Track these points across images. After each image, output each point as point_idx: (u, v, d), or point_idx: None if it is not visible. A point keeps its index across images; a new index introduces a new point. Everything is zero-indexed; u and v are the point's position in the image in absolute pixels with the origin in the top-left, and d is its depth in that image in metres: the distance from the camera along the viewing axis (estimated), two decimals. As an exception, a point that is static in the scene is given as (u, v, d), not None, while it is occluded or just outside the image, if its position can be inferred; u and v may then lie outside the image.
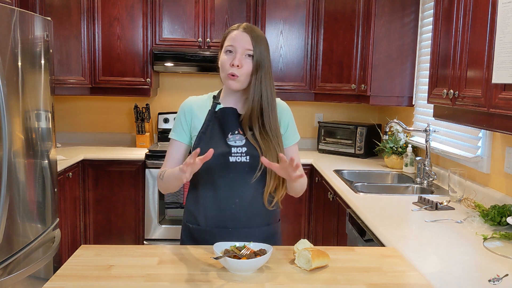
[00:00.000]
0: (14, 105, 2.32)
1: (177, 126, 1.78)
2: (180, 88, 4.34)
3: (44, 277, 2.63)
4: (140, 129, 4.10)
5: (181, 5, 3.86)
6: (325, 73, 3.90)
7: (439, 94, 2.25)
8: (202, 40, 3.89)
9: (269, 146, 1.67)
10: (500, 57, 1.69)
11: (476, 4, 1.94)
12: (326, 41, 3.87)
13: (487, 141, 2.46)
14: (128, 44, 3.87)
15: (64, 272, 1.43)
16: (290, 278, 1.41)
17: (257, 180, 1.69)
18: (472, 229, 1.96)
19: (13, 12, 2.30)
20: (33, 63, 2.54)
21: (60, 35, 3.72)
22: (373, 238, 2.02)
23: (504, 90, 1.69)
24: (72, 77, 3.80)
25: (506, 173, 2.29)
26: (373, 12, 3.43)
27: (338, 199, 2.84)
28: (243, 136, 1.70)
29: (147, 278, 1.39)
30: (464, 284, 1.44)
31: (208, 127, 1.73)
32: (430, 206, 2.29)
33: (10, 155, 2.24)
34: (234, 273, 1.43)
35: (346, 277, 1.43)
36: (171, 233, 3.76)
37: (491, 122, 1.83)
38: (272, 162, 1.60)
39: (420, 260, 1.60)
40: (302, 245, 1.55)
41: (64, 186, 3.34)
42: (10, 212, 2.24)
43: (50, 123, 2.76)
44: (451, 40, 2.15)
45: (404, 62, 3.49)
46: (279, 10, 3.91)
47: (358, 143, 3.87)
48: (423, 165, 2.93)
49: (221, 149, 1.68)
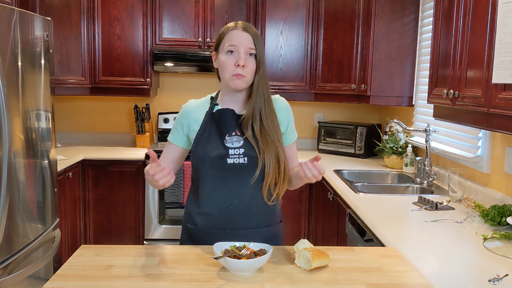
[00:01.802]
0: (14, 105, 2.32)
1: (174, 129, 1.80)
2: (180, 88, 4.34)
3: (44, 277, 2.63)
4: (140, 129, 4.10)
5: (181, 5, 3.86)
6: (325, 73, 3.90)
7: (439, 94, 2.25)
8: (202, 40, 3.89)
9: (268, 143, 1.67)
10: (500, 57, 1.69)
11: (476, 4, 1.94)
12: (326, 41, 3.87)
13: (487, 141, 2.46)
14: (128, 44, 3.87)
15: (64, 272, 1.43)
16: (290, 278, 1.41)
17: (255, 181, 1.69)
18: (472, 229, 1.96)
19: (13, 12, 2.30)
20: (33, 63, 2.54)
21: (60, 35, 3.72)
22: (373, 238, 2.02)
23: (504, 90, 1.69)
24: (72, 77, 3.80)
25: (506, 173, 2.29)
26: (373, 12, 3.43)
27: (338, 199, 2.84)
28: (241, 137, 1.69)
29: (147, 278, 1.39)
30: (464, 284, 1.44)
31: (205, 129, 1.73)
32: (430, 206, 2.29)
33: (10, 155, 2.24)
34: (234, 273, 1.43)
35: (346, 277, 1.43)
36: (171, 233, 3.76)
37: (491, 122, 1.83)
38: (271, 158, 1.63)
39: (420, 260, 1.60)
40: (302, 245, 1.55)
41: (64, 186, 3.34)
42: (10, 212, 2.24)
43: (50, 123, 2.76)
44: (451, 40, 2.15)
45: (404, 62, 3.49)
46: (279, 10, 3.91)
47: (358, 143, 3.87)
48: (423, 165, 2.93)
49: (218, 151, 1.68)
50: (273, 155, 1.67)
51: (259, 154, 1.67)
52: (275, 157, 1.67)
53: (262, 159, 1.66)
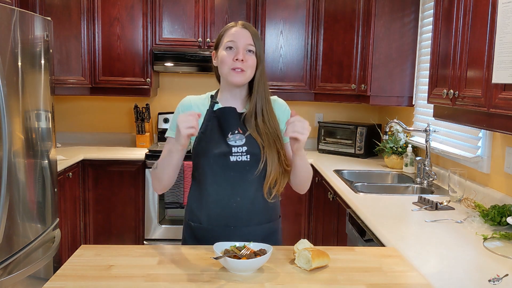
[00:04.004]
0: (14, 105, 2.32)
1: (174, 124, 1.75)
2: (180, 88, 4.34)
3: (44, 277, 2.63)
4: (140, 129, 4.10)
5: (181, 5, 3.86)
6: (325, 73, 3.90)
7: (439, 94, 2.25)
8: (202, 40, 3.89)
9: (269, 139, 1.69)
10: (500, 57, 1.69)
11: (476, 4, 1.94)
12: (326, 41, 3.87)
13: (487, 141, 2.46)
14: (128, 44, 3.87)
15: (64, 272, 1.43)
16: (290, 278, 1.41)
17: (257, 178, 1.70)
18: (472, 229, 1.96)
19: (13, 12, 2.30)
20: (33, 63, 2.54)
21: (60, 35, 3.72)
22: (373, 238, 2.02)
23: (504, 90, 1.69)
24: (72, 77, 3.80)
25: (506, 173, 2.29)
26: (373, 12, 3.43)
27: (338, 199, 2.84)
28: (243, 135, 1.70)
29: (147, 278, 1.39)
30: (464, 284, 1.44)
31: (207, 127, 1.73)
32: (430, 206, 2.29)
33: (10, 155, 2.24)
34: (234, 273, 1.43)
35: (346, 277, 1.43)
36: (171, 233, 3.76)
37: (491, 122, 1.83)
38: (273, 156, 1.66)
39: (420, 260, 1.60)
40: (302, 245, 1.55)
41: (64, 186, 3.34)
42: (10, 212, 2.24)
43: (50, 123, 2.76)
44: (451, 40, 2.15)
45: (404, 62, 3.49)
46: (279, 10, 3.91)
47: (358, 143, 3.86)
48: (423, 165, 2.93)
49: (221, 149, 1.69)
50: (275, 154, 1.69)
51: (262, 151, 1.68)
52: (277, 155, 1.69)
53: (264, 156, 1.68)
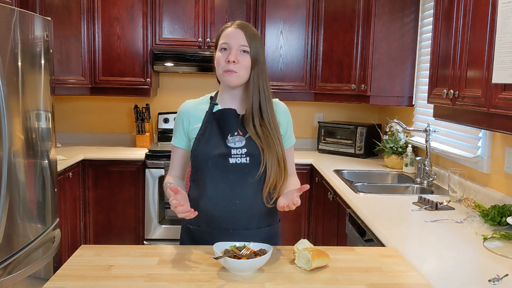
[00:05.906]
0: (14, 105, 2.32)
1: (176, 131, 1.80)
2: (180, 88, 4.34)
3: (44, 277, 2.63)
4: (140, 129, 4.10)
5: (181, 5, 3.86)
6: (325, 73, 3.90)
7: (439, 94, 2.25)
8: (202, 40, 3.89)
9: (269, 142, 1.69)
10: (500, 57, 1.69)
11: (476, 4, 1.94)
12: (326, 41, 3.87)
13: (487, 141, 2.46)
14: (128, 44, 3.87)
15: (64, 272, 1.43)
16: (290, 278, 1.41)
17: (257, 181, 1.69)
18: (472, 229, 1.96)
19: (13, 12, 2.30)
20: (33, 63, 2.54)
21: (60, 35, 3.72)
22: (373, 238, 2.02)
23: (504, 90, 1.69)
24: (72, 77, 3.80)
25: (506, 173, 2.29)
26: (373, 12, 3.43)
27: (338, 199, 2.84)
28: (243, 137, 1.70)
29: (147, 278, 1.39)
30: (464, 284, 1.44)
31: (206, 129, 1.73)
32: (430, 206, 2.29)
33: (10, 155, 2.24)
34: (234, 273, 1.43)
35: (346, 277, 1.43)
36: (171, 233, 3.76)
37: (491, 122, 1.83)
38: (273, 159, 1.65)
39: (420, 260, 1.60)
40: (302, 245, 1.55)
41: (64, 186, 3.34)
42: (10, 212, 2.24)
43: (50, 123, 2.76)
44: (451, 40, 2.15)
45: (404, 62, 3.49)
46: (279, 10, 3.91)
47: (358, 143, 3.86)
48: (423, 165, 2.93)
49: (220, 151, 1.68)
50: (275, 157, 1.68)
51: (262, 154, 1.67)
52: (276, 158, 1.68)
53: (264, 158, 1.67)
